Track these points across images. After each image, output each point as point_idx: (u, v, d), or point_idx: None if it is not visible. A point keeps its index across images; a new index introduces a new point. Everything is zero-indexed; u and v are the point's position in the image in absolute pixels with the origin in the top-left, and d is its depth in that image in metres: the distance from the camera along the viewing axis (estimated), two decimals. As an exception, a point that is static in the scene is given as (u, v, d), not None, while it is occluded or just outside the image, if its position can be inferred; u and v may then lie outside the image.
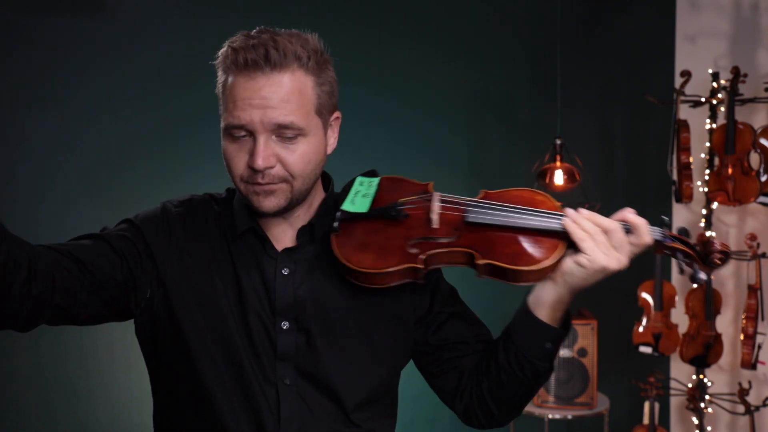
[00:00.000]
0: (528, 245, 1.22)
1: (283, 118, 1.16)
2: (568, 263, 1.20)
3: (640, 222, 1.21)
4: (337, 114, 1.28)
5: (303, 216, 1.29)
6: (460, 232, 1.24)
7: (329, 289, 1.27)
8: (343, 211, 1.24)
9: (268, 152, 1.16)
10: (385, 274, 1.21)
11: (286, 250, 1.27)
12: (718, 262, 1.23)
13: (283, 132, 1.17)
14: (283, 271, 1.25)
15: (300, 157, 1.19)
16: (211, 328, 1.23)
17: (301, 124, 1.18)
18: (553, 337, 1.26)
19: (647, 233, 1.21)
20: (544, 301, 1.24)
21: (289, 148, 1.18)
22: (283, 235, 1.28)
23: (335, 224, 1.23)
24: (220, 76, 1.21)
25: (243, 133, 1.17)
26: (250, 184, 1.20)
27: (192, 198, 1.35)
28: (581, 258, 1.19)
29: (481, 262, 1.20)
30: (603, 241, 1.19)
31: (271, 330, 1.24)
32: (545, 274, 1.21)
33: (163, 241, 1.26)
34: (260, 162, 1.15)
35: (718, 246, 1.23)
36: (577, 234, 1.19)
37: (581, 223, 1.19)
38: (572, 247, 1.21)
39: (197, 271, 1.25)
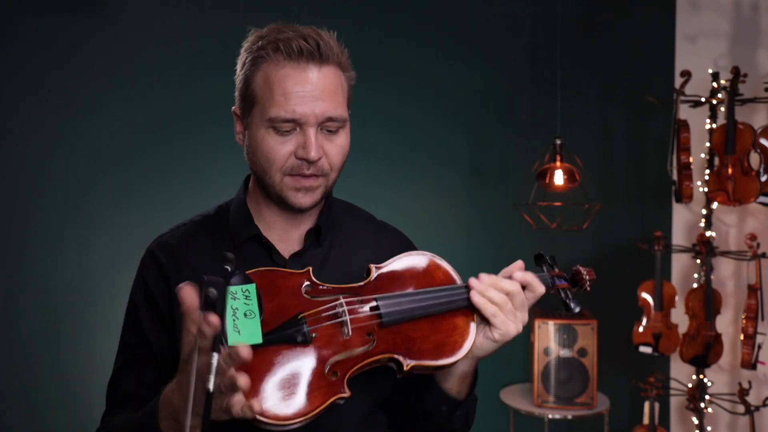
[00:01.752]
0: (444, 331, 1.14)
1: (334, 111, 1.16)
2: (479, 338, 1.17)
3: (531, 278, 1.17)
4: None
5: (309, 217, 1.28)
6: (375, 336, 1.10)
7: None
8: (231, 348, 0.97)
9: (318, 144, 1.16)
10: (312, 416, 1.01)
11: (294, 255, 1.25)
12: (588, 289, 1.24)
13: (330, 125, 1.17)
14: None
15: (340, 149, 1.20)
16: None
17: (345, 117, 1.20)
18: (450, 404, 1.23)
19: (540, 285, 1.18)
20: (452, 374, 1.21)
21: (332, 140, 1.19)
22: (288, 238, 1.27)
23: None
24: (256, 67, 1.17)
25: (290, 126, 1.16)
26: (293, 177, 1.18)
27: (163, 234, 1.31)
28: (494, 333, 1.15)
29: (407, 368, 1.09)
30: (510, 308, 1.15)
31: None
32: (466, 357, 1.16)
33: (158, 291, 1.24)
34: (314, 153, 1.15)
35: (586, 275, 1.23)
36: (489, 310, 1.13)
37: (489, 295, 1.14)
38: (481, 318, 1.16)
39: None
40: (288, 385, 1.01)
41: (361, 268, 1.24)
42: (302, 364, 1.03)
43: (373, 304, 1.12)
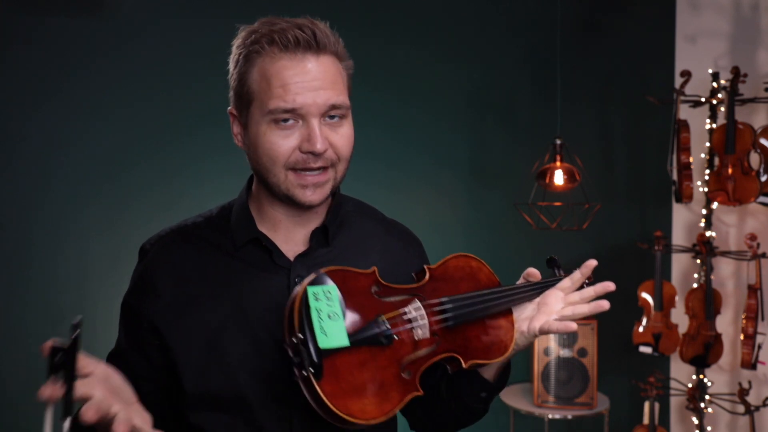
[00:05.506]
0: (494, 331, 1.23)
1: (336, 98, 1.13)
2: (518, 336, 1.25)
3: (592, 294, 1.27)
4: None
5: (316, 215, 1.25)
6: (440, 337, 1.15)
7: None
8: (323, 350, 1.00)
9: (323, 135, 1.13)
10: (392, 414, 1.05)
11: (299, 256, 1.22)
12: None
13: (334, 112, 1.14)
14: (296, 281, 1.19)
15: (346, 138, 1.17)
16: (210, 369, 1.17)
17: (348, 104, 1.17)
18: (490, 390, 1.29)
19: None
20: (494, 366, 1.27)
21: (337, 131, 1.15)
22: (294, 239, 1.24)
23: (312, 369, 0.99)
24: (250, 63, 1.14)
25: (291, 119, 1.12)
26: (298, 174, 1.14)
27: (163, 235, 1.28)
28: (535, 332, 1.24)
29: (466, 366, 1.16)
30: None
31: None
32: None
33: (150, 300, 1.21)
34: (320, 145, 1.11)
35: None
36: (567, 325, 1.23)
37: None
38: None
39: (189, 309, 1.19)
40: (371, 386, 1.04)
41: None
42: (383, 365, 1.07)
43: (442, 307, 1.16)
